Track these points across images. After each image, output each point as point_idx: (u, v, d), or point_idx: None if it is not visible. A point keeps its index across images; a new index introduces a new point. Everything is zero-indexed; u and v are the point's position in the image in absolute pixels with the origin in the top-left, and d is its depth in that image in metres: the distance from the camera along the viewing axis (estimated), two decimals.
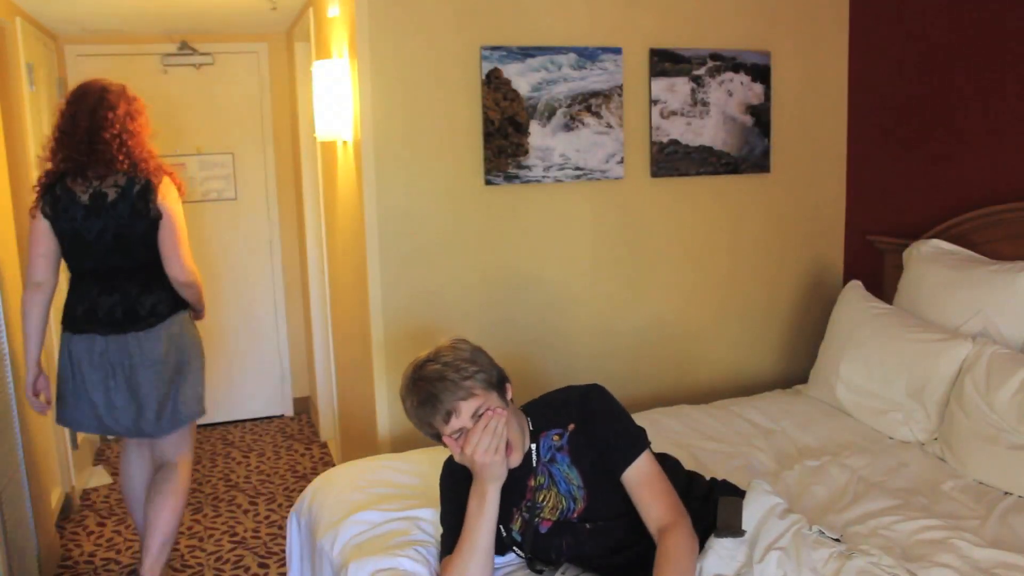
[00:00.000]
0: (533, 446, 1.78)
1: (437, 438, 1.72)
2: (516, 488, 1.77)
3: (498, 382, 1.73)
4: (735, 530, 1.76)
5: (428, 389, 1.65)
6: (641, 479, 1.70)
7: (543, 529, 1.77)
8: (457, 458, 1.70)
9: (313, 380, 4.67)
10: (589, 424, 1.77)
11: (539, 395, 1.91)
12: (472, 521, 1.69)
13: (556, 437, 1.79)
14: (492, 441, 1.63)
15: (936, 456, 2.43)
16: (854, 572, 1.68)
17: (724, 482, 1.99)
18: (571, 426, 1.78)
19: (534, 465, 1.78)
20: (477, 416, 1.65)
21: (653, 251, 3.19)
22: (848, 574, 1.68)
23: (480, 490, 1.69)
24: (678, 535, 1.64)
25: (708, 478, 1.97)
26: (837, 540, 1.80)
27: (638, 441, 1.74)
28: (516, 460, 1.73)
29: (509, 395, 1.76)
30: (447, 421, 1.65)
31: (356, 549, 1.93)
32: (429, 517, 2.04)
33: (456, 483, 1.81)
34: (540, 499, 1.77)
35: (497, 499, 1.70)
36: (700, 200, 3.23)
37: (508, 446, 1.69)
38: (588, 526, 1.75)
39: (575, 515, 1.75)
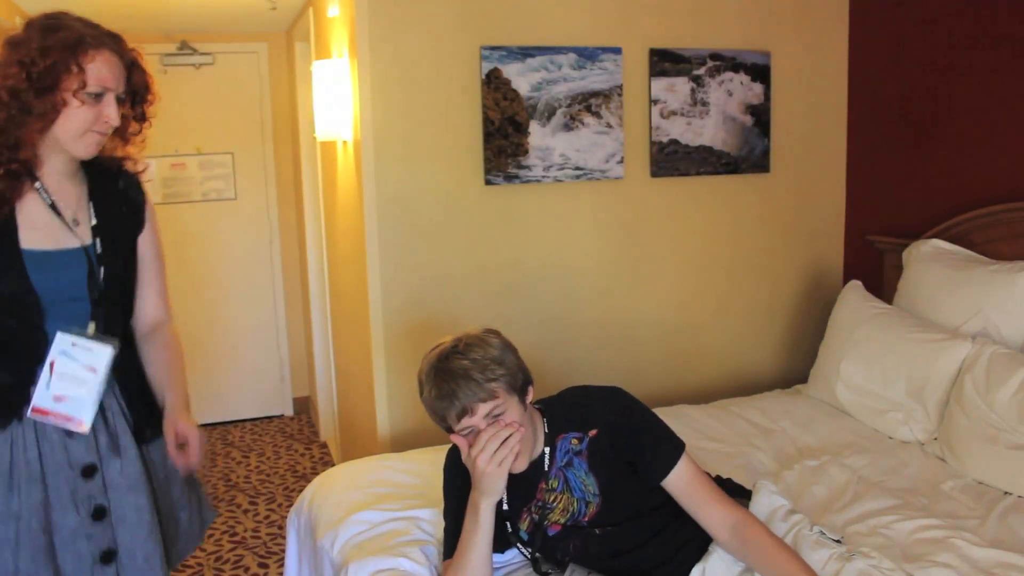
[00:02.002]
0: (547, 449, 1.72)
1: (448, 430, 1.67)
2: (527, 488, 1.74)
3: (521, 385, 1.67)
4: None
5: (450, 384, 1.59)
6: (686, 483, 1.68)
7: (551, 532, 1.75)
8: (463, 457, 1.65)
9: (313, 380, 4.67)
10: (616, 432, 1.71)
11: (542, 394, 1.88)
12: (466, 538, 1.66)
13: (575, 441, 1.73)
14: (500, 453, 1.58)
15: (936, 456, 2.43)
16: (854, 574, 1.68)
17: (729, 480, 1.99)
18: (592, 432, 1.72)
19: (546, 469, 1.72)
20: (492, 417, 1.60)
21: (653, 251, 3.19)
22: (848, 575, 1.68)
23: (474, 503, 1.65)
24: (757, 525, 1.65)
25: (713, 476, 1.95)
26: (838, 541, 1.80)
27: (675, 446, 1.71)
28: (520, 466, 1.68)
29: (530, 398, 1.71)
30: (460, 418, 1.61)
31: (356, 549, 1.94)
32: (429, 517, 2.04)
33: (459, 476, 1.76)
34: (551, 500, 1.73)
35: (491, 516, 1.65)
36: (700, 200, 3.23)
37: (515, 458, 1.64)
38: (598, 531, 1.73)
39: (585, 519, 1.72)
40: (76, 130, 1.53)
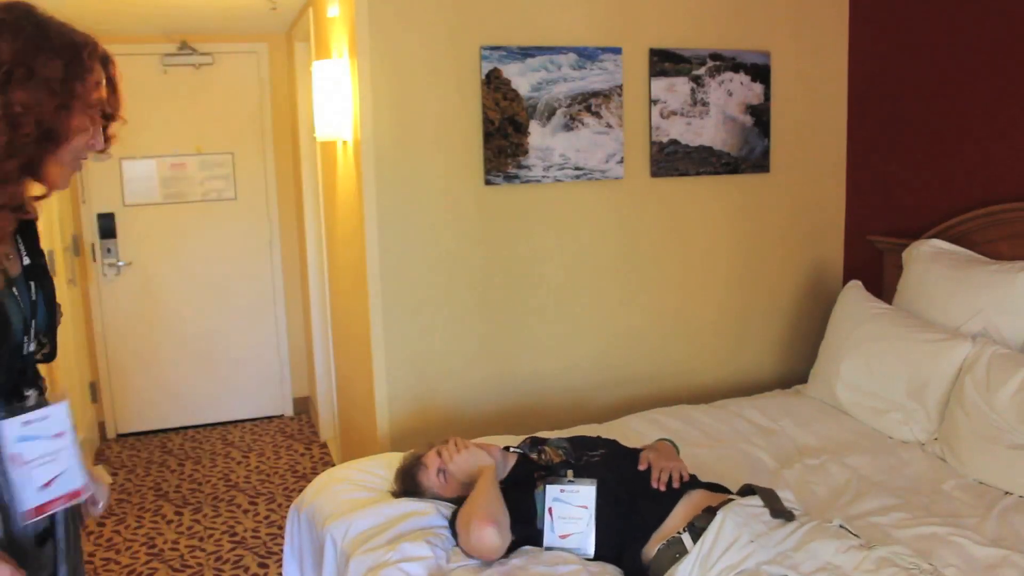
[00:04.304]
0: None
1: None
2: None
3: None
4: (786, 514, 1.84)
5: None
6: None
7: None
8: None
9: (313, 380, 4.67)
10: None
11: (542, 394, 1.94)
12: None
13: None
14: None
15: (936, 456, 2.43)
16: (875, 559, 1.68)
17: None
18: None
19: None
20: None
21: (653, 251, 3.19)
22: (869, 562, 1.68)
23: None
24: None
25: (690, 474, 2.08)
26: (856, 536, 1.83)
27: None
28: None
29: None
30: None
31: (357, 546, 1.94)
32: (429, 515, 2.04)
33: None
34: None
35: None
36: (700, 200, 3.23)
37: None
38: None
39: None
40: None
